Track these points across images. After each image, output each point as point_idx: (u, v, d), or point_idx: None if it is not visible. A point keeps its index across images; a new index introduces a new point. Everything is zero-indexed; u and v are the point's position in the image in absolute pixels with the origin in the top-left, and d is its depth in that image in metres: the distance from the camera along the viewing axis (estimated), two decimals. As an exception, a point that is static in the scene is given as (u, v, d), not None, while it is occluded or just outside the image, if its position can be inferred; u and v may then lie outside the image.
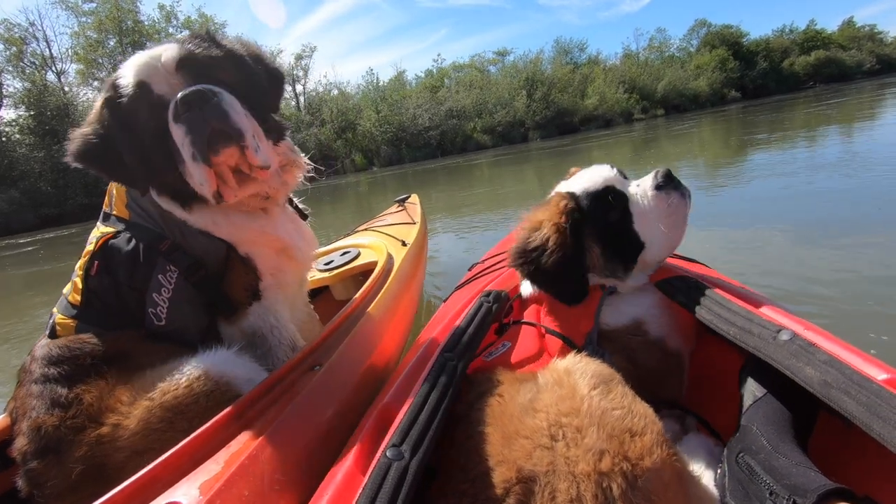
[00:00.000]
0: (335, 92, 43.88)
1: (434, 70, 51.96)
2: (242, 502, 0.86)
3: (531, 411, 0.90)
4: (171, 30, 36.16)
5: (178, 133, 1.15)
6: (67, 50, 33.39)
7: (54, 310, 1.32)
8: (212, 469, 0.92)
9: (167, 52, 1.20)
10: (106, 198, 1.42)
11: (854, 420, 0.79)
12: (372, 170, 34.42)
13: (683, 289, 1.28)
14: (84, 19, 33.22)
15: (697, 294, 1.22)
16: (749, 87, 58.25)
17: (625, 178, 1.40)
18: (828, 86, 53.71)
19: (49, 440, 1.11)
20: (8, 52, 30.51)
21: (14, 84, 30.15)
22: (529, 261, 1.33)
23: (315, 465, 0.98)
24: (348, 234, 3.21)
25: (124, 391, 1.17)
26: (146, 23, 34.98)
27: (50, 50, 32.63)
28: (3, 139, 28.22)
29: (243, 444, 1.00)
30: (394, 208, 3.64)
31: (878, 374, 0.85)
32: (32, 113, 28.57)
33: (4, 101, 29.52)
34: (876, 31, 72.97)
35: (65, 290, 1.33)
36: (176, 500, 0.85)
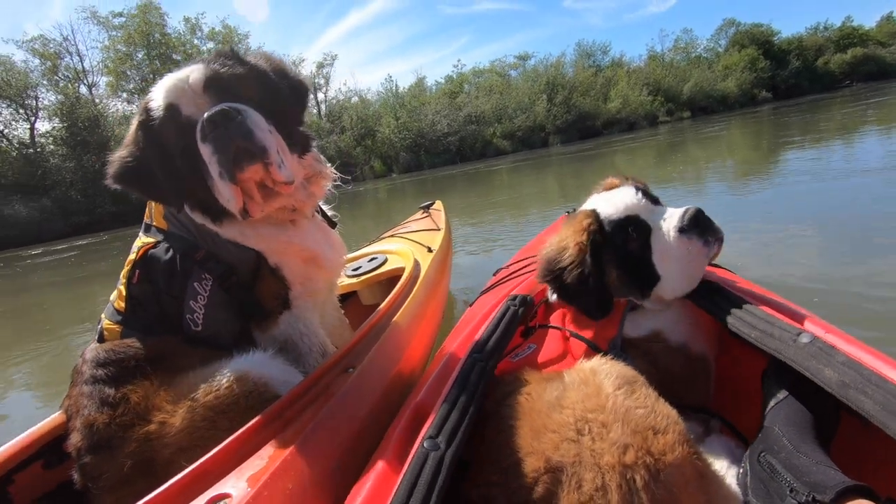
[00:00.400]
0: (355, 99, 44.65)
1: (454, 76, 52.33)
2: (287, 495, 0.93)
3: (558, 407, 0.95)
4: (195, 41, 37.49)
5: (205, 152, 1.19)
6: (98, 63, 34.98)
7: (102, 315, 1.41)
8: (257, 464, 0.99)
9: (194, 73, 1.25)
10: (146, 210, 1.50)
11: (872, 419, 0.81)
12: (391, 176, 34.74)
13: (706, 293, 1.31)
14: (114, 33, 34.83)
15: (720, 298, 1.26)
16: (781, 86, 56.92)
17: (655, 202, 1.41)
18: (866, 84, 51.97)
19: (101, 437, 1.19)
20: (43, 67, 32.07)
21: (48, 97, 31.67)
22: (555, 277, 1.39)
23: (352, 460, 1.04)
24: (374, 241, 3.30)
25: (168, 392, 1.25)
26: (172, 35, 36.35)
27: (82, 63, 34.26)
28: (38, 150, 29.63)
29: (286, 441, 1.06)
30: (418, 214, 3.73)
31: None
32: (66, 125, 29.93)
33: (40, 114, 30.98)
34: (918, 26, 70.45)
35: (111, 297, 1.43)
36: (226, 491, 0.92)
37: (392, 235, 3.24)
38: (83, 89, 33.64)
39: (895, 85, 36.27)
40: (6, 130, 29.74)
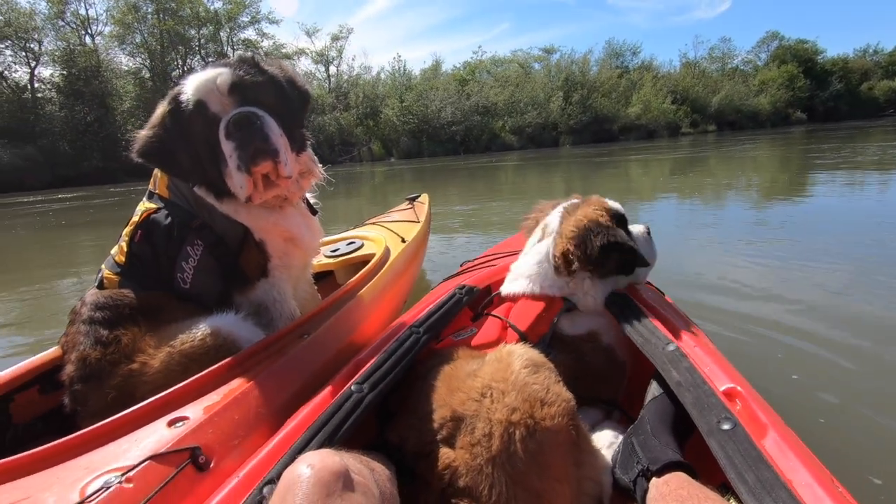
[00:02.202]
0: (368, 76, 44.70)
1: (473, 62, 51.98)
2: (233, 423, 1.24)
3: (473, 376, 1.24)
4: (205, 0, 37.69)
5: (227, 147, 1.52)
6: (104, 13, 35.28)
7: (103, 266, 1.72)
8: (213, 398, 1.31)
9: (221, 76, 1.54)
10: (151, 179, 1.82)
11: (689, 409, 1.11)
12: (390, 161, 34.66)
13: (618, 302, 1.62)
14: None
15: (627, 310, 1.57)
16: (818, 108, 56.71)
17: None
18: (911, 116, 51.44)
19: (92, 369, 1.49)
20: (49, 11, 32.42)
21: (53, 43, 31.99)
22: (602, 234, 1.63)
23: (294, 405, 1.33)
24: (357, 227, 3.62)
25: (153, 338, 1.55)
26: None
27: (87, 11, 34.53)
28: (38, 95, 30.02)
29: (238, 384, 1.37)
30: (403, 205, 4.06)
31: (723, 384, 1.17)
32: (63, 73, 30.25)
33: (42, 60, 31.32)
34: (974, 60, 69.78)
35: (112, 251, 1.74)
36: (185, 414, 1.23)
37: (374, 223, 3.56)
38: (87, 38, 33.96)
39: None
40: (5, 73, 30.12)
